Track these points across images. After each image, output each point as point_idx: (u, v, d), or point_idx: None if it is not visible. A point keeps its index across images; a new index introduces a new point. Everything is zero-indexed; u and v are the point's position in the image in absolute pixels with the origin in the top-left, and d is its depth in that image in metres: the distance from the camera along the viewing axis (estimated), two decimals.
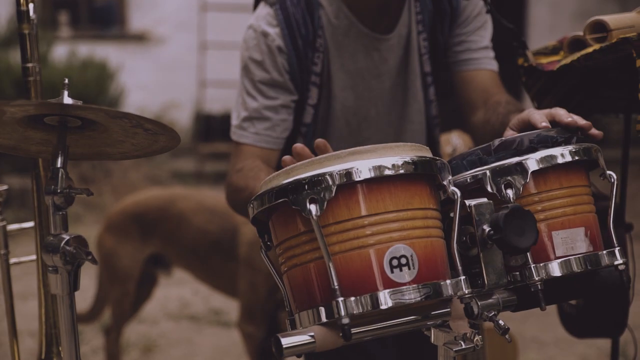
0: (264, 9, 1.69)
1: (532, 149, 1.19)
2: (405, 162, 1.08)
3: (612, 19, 1.45)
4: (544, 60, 1.52)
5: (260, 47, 1.67)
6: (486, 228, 1.13)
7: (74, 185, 1.07)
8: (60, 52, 7.33)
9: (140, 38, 8.99)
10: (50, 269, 1.04)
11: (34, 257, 1.61)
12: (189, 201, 3.11)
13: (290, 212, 1.10)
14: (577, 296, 1.51)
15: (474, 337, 1.15)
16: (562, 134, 1.22)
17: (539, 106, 1.60)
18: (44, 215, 1.52)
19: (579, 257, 1.16)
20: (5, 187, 1.59)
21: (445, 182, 1.11)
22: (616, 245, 1.19)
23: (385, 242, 1.06)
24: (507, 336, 1.14)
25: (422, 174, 1.10)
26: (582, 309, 1.75)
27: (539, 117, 1.30)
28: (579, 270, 1.16)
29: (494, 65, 1.78)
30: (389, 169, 1.07)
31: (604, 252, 1.18)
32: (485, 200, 1.14)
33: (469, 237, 1.15)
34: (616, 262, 1.18)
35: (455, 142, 2.33)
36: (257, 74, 1.68)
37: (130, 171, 7.16)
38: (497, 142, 1.22)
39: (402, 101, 1.80)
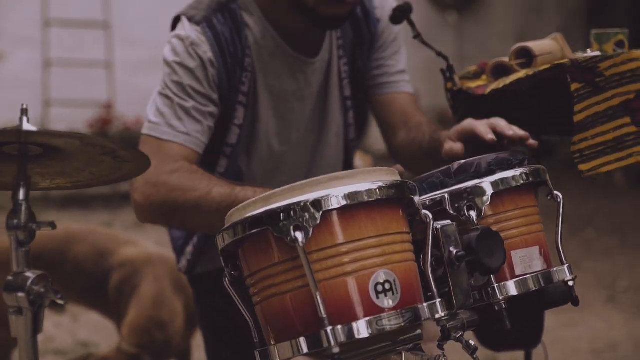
0: (189, 26, 1.64)
1: (491, 172, 1.23)
2: (383, 187, 1.09)
3: (536, 45, 1.54)
4: (472, 85, 1.59)
5: (192, 56, 1.61)
6: (453, 250, 1.15)
7: (35, 218, 0.98)
8: None
9: None
10: (12, 310, 0.94)
11: None
12: (83, 244, 2.93)
13: (267, 240, 1.08)
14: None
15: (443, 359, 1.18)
16: (516, 156, 1.27)
17: None
18: None
19: (535, 275, 1.21)
20: None
21: (418, 205, 1.13)
22: (565, 262, 1.26)
23: (369, 268, 1.06)
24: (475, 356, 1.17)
25: (396, 198, 1.11)
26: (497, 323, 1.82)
27: (484, 129, 1.35)
28: (534, 288, 1.21)
29: (410, 88, 1.84)
30: (370, 194, 1.07)
31: (555, 269, 1.24)
32: (449, 222, 1.17)
33: (434, 259, 1.17)
34: (566, 279, 1.25)
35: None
36: (187, 80, 1.61)
37: None
38: (456, 165, 1.26)
39: (321, 125, 1.81)
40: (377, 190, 1.08)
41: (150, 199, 1.54)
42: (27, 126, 0.95)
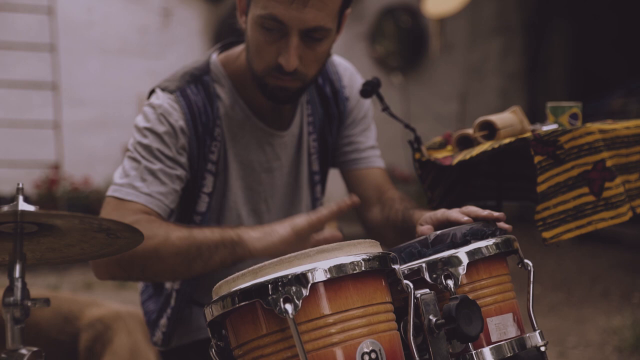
0: (163, 95, 1.68)
1: (466, 242, 1.29)
2: (367, 258, 1.13)
3: (498, 119, 1.62)
4: (438, 155, 1.65)
5: (162, 122, 1.65)
6: (432, 318, 1.19)
7: (30, 295, 0.99)
8: None
9: None
10: None
11: None
12: (43, 310, 2.87)
13: (255, 312, 1.10)
14: None
15: None
16: (489, 227, 1.33)
17: (432, 195, 1.72)
18: None
19: (510, 341, 1.26)
20: None
21: (399, 276, 1.17)
22: (537, 328, 1.31)
23: (356, 338, 1.10)
24: None
25: (379, 269, 1.15)
26: None
27: (458, 215, 1.40)
28: (509, 355, 1.26)
29: (381, 163, 1.90)
30: (355, 266, 1.11)
31: (528, 335, 1.30)
32: (428, 290, 1.21)
33: (413, 327, 1.21)
34: (539, 344, 1.30)
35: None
36: (155, 143, 1.64)
37: None
38: (432, 235, 1.31)
39: (292, 199, 1.84)
40: (362, 262, 1.12)
41: (109, 257, 1.50)
42: (23, 206, 0.96)
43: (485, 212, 1.38)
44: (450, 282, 1.24)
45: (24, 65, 8.08)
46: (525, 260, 1.34)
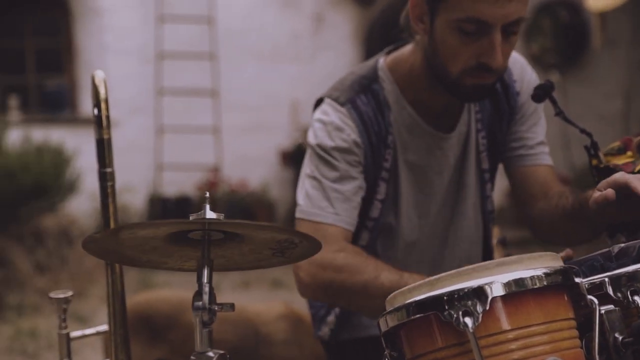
0: (333, 108, 1.69)
1: None
2: (549, 273, 1.09)
3: None
4: (618, 161, 1.57)
5: (335, 139, 1.66)
6: (618, 336, 1.13)
7: (216, 299, 1.03)
8: (12, 136, 7.15)
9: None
10: None
11: None
12: None
13: (431, 324, 1.09)
14: None
15: None
16: None
17: None
18: (119, 322, 1.45)
19: None
20: (70, 293, 1.52)
21: (583, 291, 1.12)
22: None
23: (539, 355, 1.05)
24: None
25: (562, 284, 1.11)
26: None
27: (636, 182, 1.33)
28: None
29: (550, 160, 1.82)
30: (535, 280, 1.07)
31: None
32: (613, 307, 1.15)
33: (597, 345, 1.15)
34: None
35: None
36: (331, 161, 1.66)
37: (87, 258, 6.96)
38: (616, 248, 1.24)
39: (457, 196, 1.82)
40: (543, 277, 1.08)
41: (316, 279, 1.59)
42: (210, 214, 1.01)
43: None
44: (638, 299, 1.16)
45: (186, 73, 8.50)
46: None
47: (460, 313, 1.04)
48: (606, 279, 1.18)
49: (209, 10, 8.55)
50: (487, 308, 1.04)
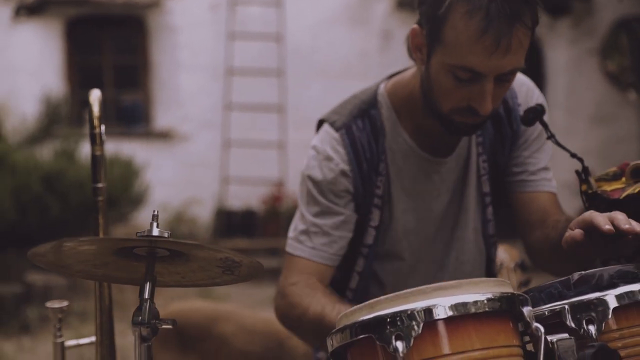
0: (328, 133, 1.72)
1: (613, 284, 1.19)
2: (489, 299, 1.08)
3: None
4: (608, 188, 1.53)
5: (323, 169, 1.69)
6: None
7: (159, 315, 1.07)
8: (87, 149, 7.45)
9: (165, 136, 9.16)
10: None
11: None
12: (228, 323, 3.08)
13: (372, 346, 1.10)
14: None
15: None
16: None
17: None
18: (106, 334, 1.51)
19: None
20: (65, 303, 1.59)
21: (528, 319, 1.11)
22: None
23: None
24: None
25: (505, 310, 1.10)
26: None
27: (603, 220, 1.31)
28: None
29: (552, 187, 1.78)
30: (474, 305, 1.07)
31: None
32: (566, 335, 1.13)
33: None
34: None
35: (501, 256, 2.32)
36: (318, 194, 1.69)
37: None
38: (576, 276, 1.22)
39: (457, 220, 1.80)
40: (485, 302, 1.08)
41: (277, 309, 1.72)
42: (155, 231, 1.05)
43: (627, 226, 1.27)
44: (592, 328, 1.14)
45: (254, 89, 8.67)
46: None
47: (393, 337, 1.05)
48: (566, 307, 1.17)
49: (278, 28, 8.71)
50: (420, 332, 1.05)
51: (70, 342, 1.62)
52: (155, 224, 1.08)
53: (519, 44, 1.47)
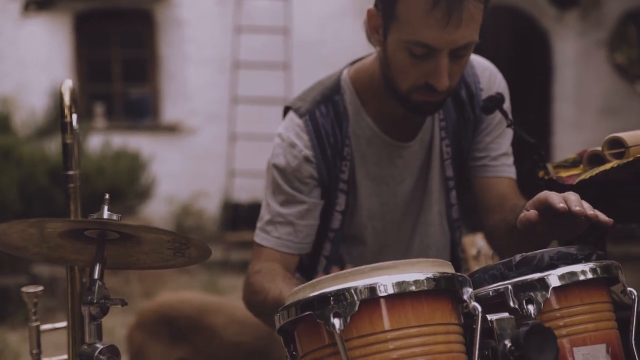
0: (292, 119, 1.75)
1: (553, 266, 1.22)
2: (427, 278, 1.12)
3: (629, 136, 1.50)
4: (564, 174, 1.56)
5: (287, 156, 1.72)
6: (507, 343, 1.15)
7: (109, 295, 1.12)
8: (95, 142, 7.54)
9: (172, 129, 9.22)
10: None
11: (65, 357, 1.64)
12: (219, 315, 3.12)
13: (316, 324, 1.14)
14: None
15: None
16: (582, 251, 1.25)
17: None
18: (77, 318, 1.56)
19: None
20: (40, 288, 1.64)
21: (466, 298, 1.14)
22: None
23: (408, 357, 1.09)
24: None
25: (444, 290, 1.13)
26: None
27: (557, 198, 1.33)
28: None
29: (512, 173, 1.81)
30: (411, 284, 1.11)
31: None
32: (506, 314, 1.16)
33: (491, 351, 1.17)
34: None
35: (479, 244, 2.35)
36: (282, 183, 1.73)
37: None
38: (518, 257, 1.25)
39: (421, 204, 1.83)
40: (425, 281, 1.11)
41: (243, 297, 1.76)
42: (106, 215, 1.10)
43: (577, 208, 1.29)
44: (532, 307, 1.18)
45: (261, 82, 8.70)
46: (629, 289, 1.23)
47: (332, 315, 1.09)
48: (509, 287, 1.20)
49: (285, 21, 8.73)
50: (358, 309, 1.09)
51: (45, 326, 1.67)
52: (105, 207, 1.12)
53: (471, 17, 1.50)
